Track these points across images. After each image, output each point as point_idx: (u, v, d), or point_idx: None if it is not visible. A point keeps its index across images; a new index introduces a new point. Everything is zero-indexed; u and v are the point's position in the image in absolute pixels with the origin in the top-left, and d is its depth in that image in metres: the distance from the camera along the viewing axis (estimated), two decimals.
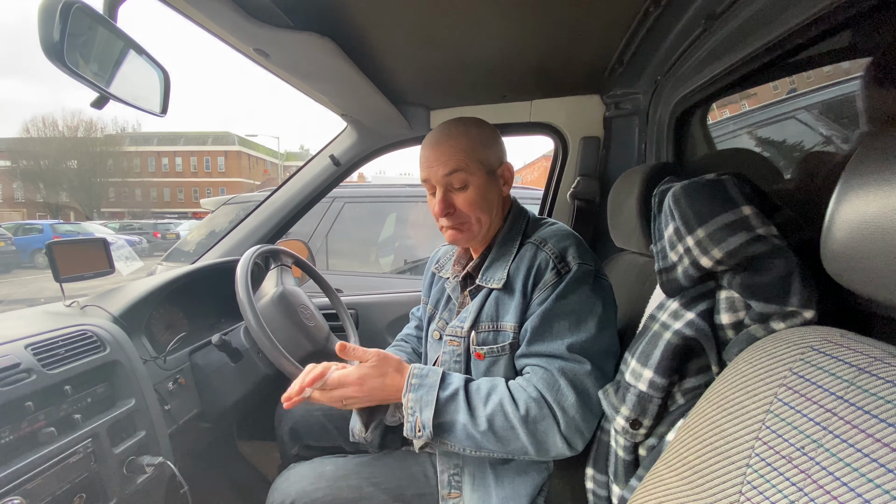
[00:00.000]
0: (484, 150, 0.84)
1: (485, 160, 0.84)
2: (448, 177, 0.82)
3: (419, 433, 0.73)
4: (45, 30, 0.58)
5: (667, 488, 0.47)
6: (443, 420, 0.73)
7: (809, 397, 0.37)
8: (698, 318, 0.59)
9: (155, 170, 42.74)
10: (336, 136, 1.53)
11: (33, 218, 30.69)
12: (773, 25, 0.71)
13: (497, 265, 0.86)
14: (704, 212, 0.57)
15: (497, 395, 0.74)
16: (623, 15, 0.88)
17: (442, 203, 0.83)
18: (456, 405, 0.74)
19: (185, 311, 1.25)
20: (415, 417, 0.73)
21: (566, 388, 0.72)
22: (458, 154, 0.81)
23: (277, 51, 0.92)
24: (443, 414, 0.73)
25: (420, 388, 0.75)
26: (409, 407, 0.74)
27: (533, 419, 0.72)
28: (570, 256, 0.80)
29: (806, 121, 0.84)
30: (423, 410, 0.73)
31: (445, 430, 0.74)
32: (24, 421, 0.70)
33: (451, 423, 0.73)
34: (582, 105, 1.42)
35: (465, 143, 0.82)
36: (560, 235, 0.84)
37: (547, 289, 0.78)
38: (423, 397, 0.74)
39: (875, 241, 0.35)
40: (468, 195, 0.83)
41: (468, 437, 0.73)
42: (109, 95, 0.73)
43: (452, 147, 0.82)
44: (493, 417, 0.72)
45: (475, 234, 0.87)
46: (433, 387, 0.75)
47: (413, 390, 0.75)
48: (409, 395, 0.75)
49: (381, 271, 2.91)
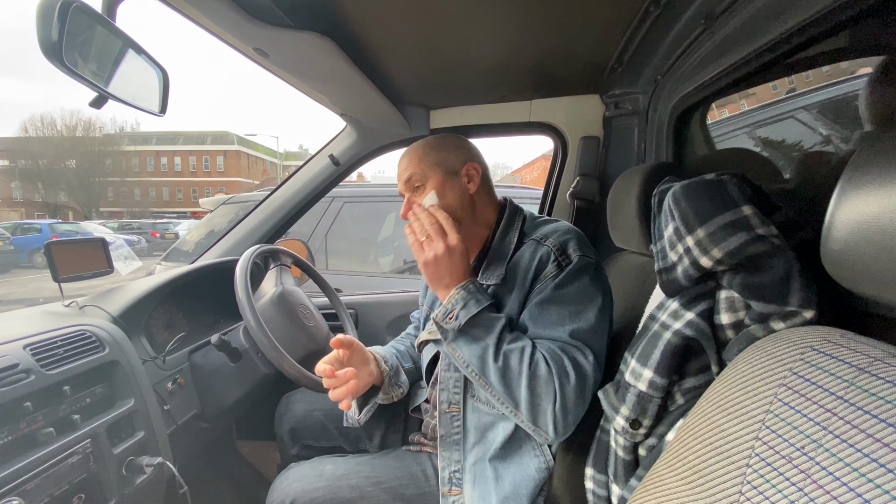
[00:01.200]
0: (439, 153, 0.92)
1: (441, 163, 0.91)
2: (406, 183, 0.92)
3: (450, 319, 0.76)
4: (44, 29, 0.58)
5: (666, 488, 0.47)
6: (473, 329, 0.76)
7: (809, 397, 0.37)
8: (698, 317, 0.59)
9: (154, 169, 42.68)
10: (335, 136, 1.53)
11: (32, 217, 30.65)
12: (772, 26, 0.71)
13: (496, 264, 0.88)
14: (704, 212, 0.57)
15: (523, 340, 0.76)
16: (623, 15, 0.88)
17: (405, 206, 0.92)
18: (491, 327, 0.76)
19: (184, 311, 1.25)
20: (454, 310, 0.76)
21: (570, 368, 0.73)
22: (413, 161, 0.92)
23: (277, 50, 0.92)
24: (472, 327, 0.76)
25: (470, 297, 0.77)
26: (453, 301, 0.77)
27: (537, 375, 0.72)
28: (571, 249, 0.82)
29: (805, 121, 0.85)
30: (461, 312, 0.76)
31: (464, 339, 0.76)
32: (22, 421, 0.70)
33: (472, 339, 0.76)
34: (581, 105, 1.42)
35: (420, 151, 0.92)
36: (561, 230, 0.86)
37: (547, 280, 0.80)
38: (469, 304, 0.76)
39: (875, 241, 0.35)
40: (425, 195, 0.91)
41: (479, 358, 0.75)
42: (108, 95, 0.73)
43: (409, 157, 0.93)
44: (509, 356, 0.74)
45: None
46: (481, 302, 0.77)
47: (462, 293, 0.78)
48: (458, 293, 0.78)
49: (381, 271, 2.91)
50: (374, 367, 0.95)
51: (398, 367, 1.03)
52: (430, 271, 0.80)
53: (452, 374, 0.87)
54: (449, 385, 0.87)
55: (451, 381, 0.87)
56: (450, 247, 0.78)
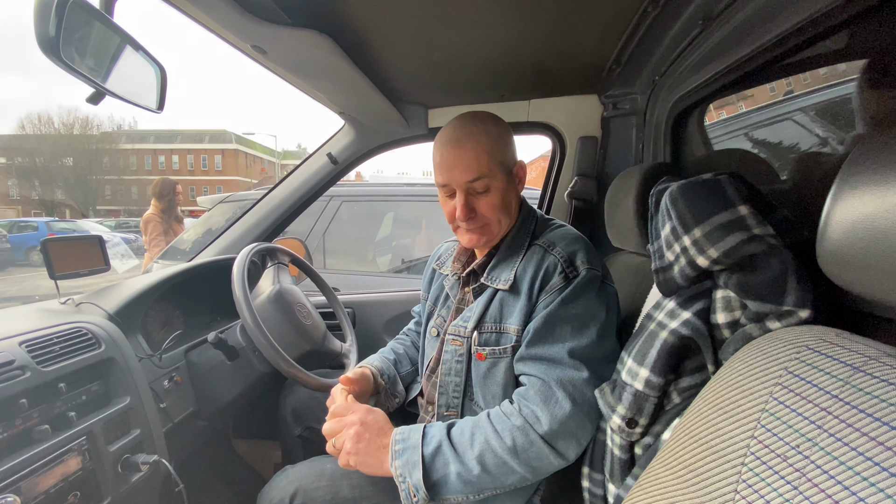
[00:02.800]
0: (503, 149, 0.82)
1: (504, 161, 0.82)
2: (472, 183, 0.80)
3: (415, 498, 0.69)
4: (41, 24, 0.58)
5: (663, 487, 0.47)
6: (435, 478, 0.70)
7: (805, 396, 0.38)
8: (694, 317, 0.59)
9: (151, 168, 42.51)
10: (334, 135, 1.53)
11: (28, 215, 30.49)
12: (769, 27, 0.71)
13: (504, 265, 0.85)
14: (701, 211, 0.58)
15: (481, 433, 0.73)
16: (621, 15, 0.88)
17: (465, 208, 0.81)
18: (443, 458, 0.71)
19: (181, 309, 1.25)
20: (406, 483, 0.70)
21: (563, 398, 0.71)
22: (482, 157, 0.79)
23: (275, 48, 0.92)
24: (433, 471, 0.71)
25: (404, 453, 0.72)
26: (399, 474, 0.70)
27: (521, 448, 0.70)
28: (580, 261, 0.80)
29: (802, 122, 0.85)
30: (412, 473, 0.70)
31: (440, 486, 0.70)
32: (17, 418, 0.69)
33: (443, 477, 0.70)
34: (580, 105, 1.42)
35: (487, 144, 0.79)
36: (569, 239, 0.83)
37: (553, 293, 0.78)
38: (408, 460, 0.71)
39: (870, 241, 0.35)
40: (491, 199, 0.81)
41: (465, 484, 0.70)
42: (105, 91, 0.73)
43: (475, 150, 0.79)
44: (483, 457, 0.70)
45: (494, 235, 0.86)
46: (416, 446, 0.72)
47: (398, 456, 0.72)
48: (396, 462, 0.71)
49: (378, 270, 2.91)
50: (371, 383, 0.96)
51: (395, 378, 1.03)
52: (368, 453, 0.74)
53: (453, 379, 0.87)
54: (448, 389, 0.87)
55: (450, 385, 0.87)
56: (358, 421, 0.77)
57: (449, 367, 0.87)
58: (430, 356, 0.96)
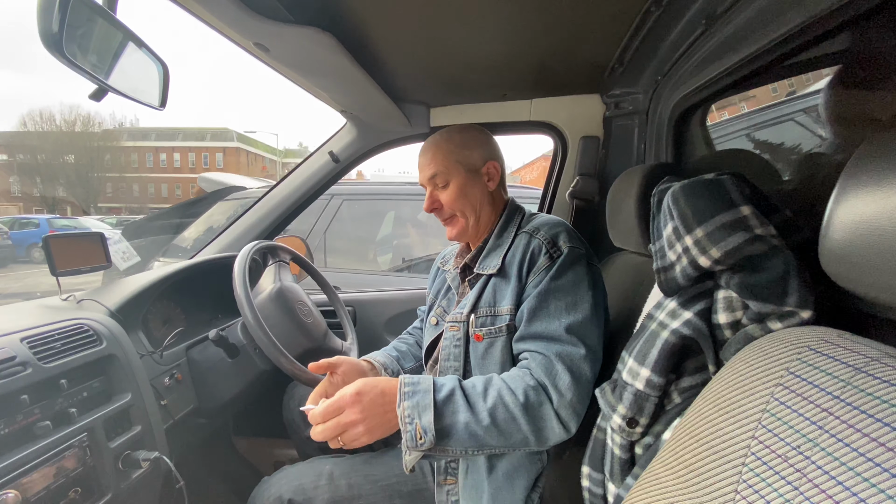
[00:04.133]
0: (464, 151, 0.94)
1: (464, 161, 0.94)
2: (431, 179, 0.94)
3: (420, 440, 0.69)
4: (44, 20, 0.58)
5: (663, 487, 0.47)
6: (444, 423, 0.71)
7: (806, 397, 0.37)
8: (696, 317, 0.59)
9: (153, 165, 42.62)
10: (335, 133, 1.53)
11: (30, 212, 30.56)
12: (772, 27, 0.71)
13: (493, 254, 0.92)
14: (703, 211, 0.57)
15: (494, 387, 0.75)
16: (624, 15, 0.88)
17: (428, 200, 0.96)
18: (454, 405, 0.72)
19: (182, 307, 1.25)
20: (414, 425, 0.69)
21: (563, 371, 0.75)
22: (439, 157, 0.94)
23: (277, 45, 0.92)
24: (443, 416, 0.71)
25: (415, 395, 0.72)
26: (406, 415, 0.70)
27: (532, 405, 0.73)
28: (562, 241, 0.86)
29: (804, 123, 0.85)
30: (421, 415, 0.70)
31: (447, 433, 0.71)
32: (19, 414, 0.69)
33: (451, 425, 0.71)
34: (582, 104, 1.42)
35: (446, 148, 0.94)
36: (551, 224, 0.91)
37: (541, 272, 0.83)
38: (419, 402, 0.71)
39: (873, 242, 0.35)
40: (449, 192, 0.94)
41: (471, 436, 0.71)
42: (108, 87, 0.73)
43: (434, 152, 0.94)
44: (495, 410, 0.72)
45: (464, 227, 0.96)
46: (427, 391, 0.73)
47: (408, 398, 0.72)
48: (405, 402, 0.71)
49: (380, 269, 2.91)
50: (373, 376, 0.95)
51: (398, 374, 1.03)
52: (374, 415, 0.71)
53: (452, 364, 0.88)
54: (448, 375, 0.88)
55: (450, 371, 0.88)
56: (350, 402, 0.71)
57: (448, 353, 0.89)
58: (429, 342, 0.99)
